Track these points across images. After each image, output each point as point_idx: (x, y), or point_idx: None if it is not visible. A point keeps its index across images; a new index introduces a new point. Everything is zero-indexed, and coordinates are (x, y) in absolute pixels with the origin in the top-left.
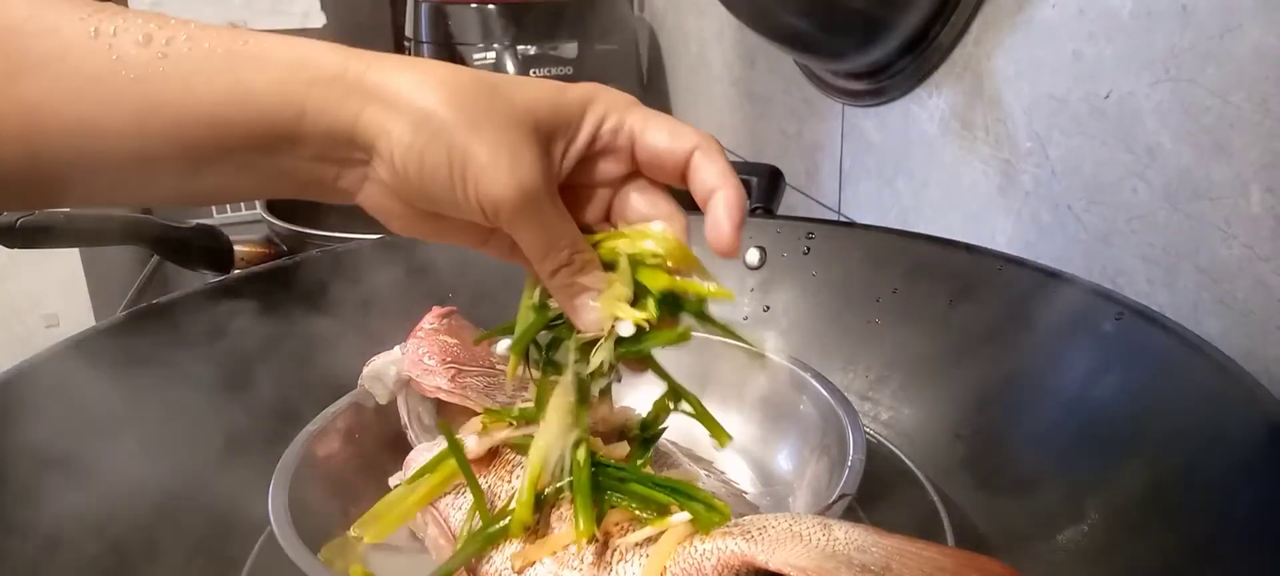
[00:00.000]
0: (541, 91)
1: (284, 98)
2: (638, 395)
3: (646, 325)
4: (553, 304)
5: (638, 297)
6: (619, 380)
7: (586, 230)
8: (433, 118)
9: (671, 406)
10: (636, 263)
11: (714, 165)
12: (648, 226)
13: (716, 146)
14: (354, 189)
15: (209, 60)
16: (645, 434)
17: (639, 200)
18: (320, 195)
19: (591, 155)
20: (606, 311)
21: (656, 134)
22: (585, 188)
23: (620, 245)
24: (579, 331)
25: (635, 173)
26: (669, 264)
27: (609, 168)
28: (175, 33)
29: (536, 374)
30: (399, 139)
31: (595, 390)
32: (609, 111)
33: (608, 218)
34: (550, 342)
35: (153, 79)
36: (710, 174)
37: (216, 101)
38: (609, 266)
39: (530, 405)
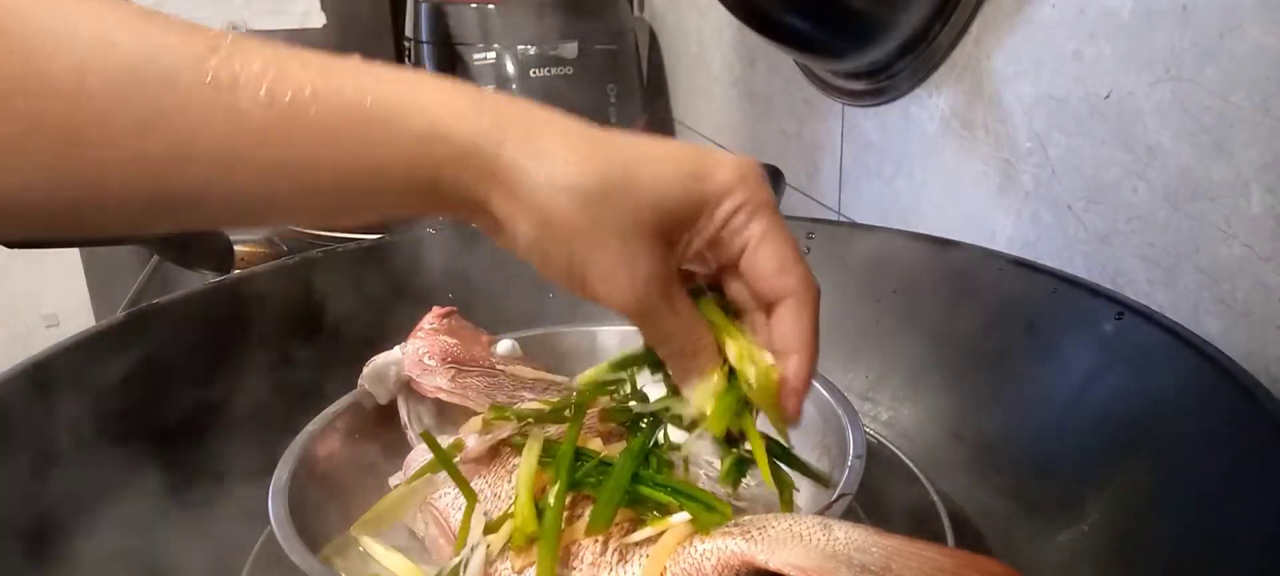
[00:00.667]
0: (676, 181)
1: (413, 175)
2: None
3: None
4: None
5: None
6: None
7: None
8: (554, 224)
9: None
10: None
11: (799, 323)
12: (759, 352)
13: (812, 300)
14: (492, 236)
15: (334, 125)
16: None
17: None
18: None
19: (716, 252)
20: (700, 403)
21: (765, 259)
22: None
23: (728, 348)
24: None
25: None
26: (755, 400)
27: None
28: (298, 86)
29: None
30: (523, 234)
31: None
32: (741, 210)
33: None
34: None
35: (277, 143)
36: (791, 332)
37: (344, 171)
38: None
39: (533, 405)
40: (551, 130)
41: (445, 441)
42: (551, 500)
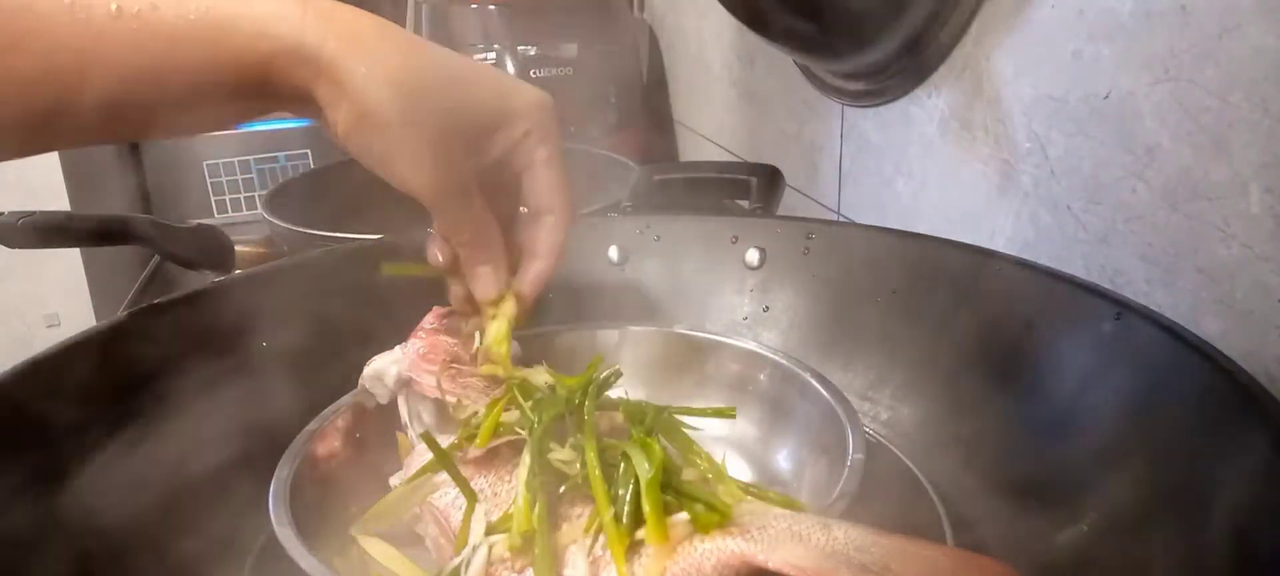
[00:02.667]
0: (485, 96)
1: (248, 65)
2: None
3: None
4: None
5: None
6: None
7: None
8: (370, 113)
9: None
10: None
11: (553, 235)
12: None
13: (568, 220)
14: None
15: (178, 29)
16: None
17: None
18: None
19: (503, 167)
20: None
21: (543, 178)
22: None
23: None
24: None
25: None
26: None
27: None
28: (143, 1)
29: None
30: (343, 120)
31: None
32: (531, 133)
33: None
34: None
35: (129, 50)
36: (547, 239)
37: (190, 70)
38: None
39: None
40: (375, 32)
41: (445, 441)
42: (536, 507)
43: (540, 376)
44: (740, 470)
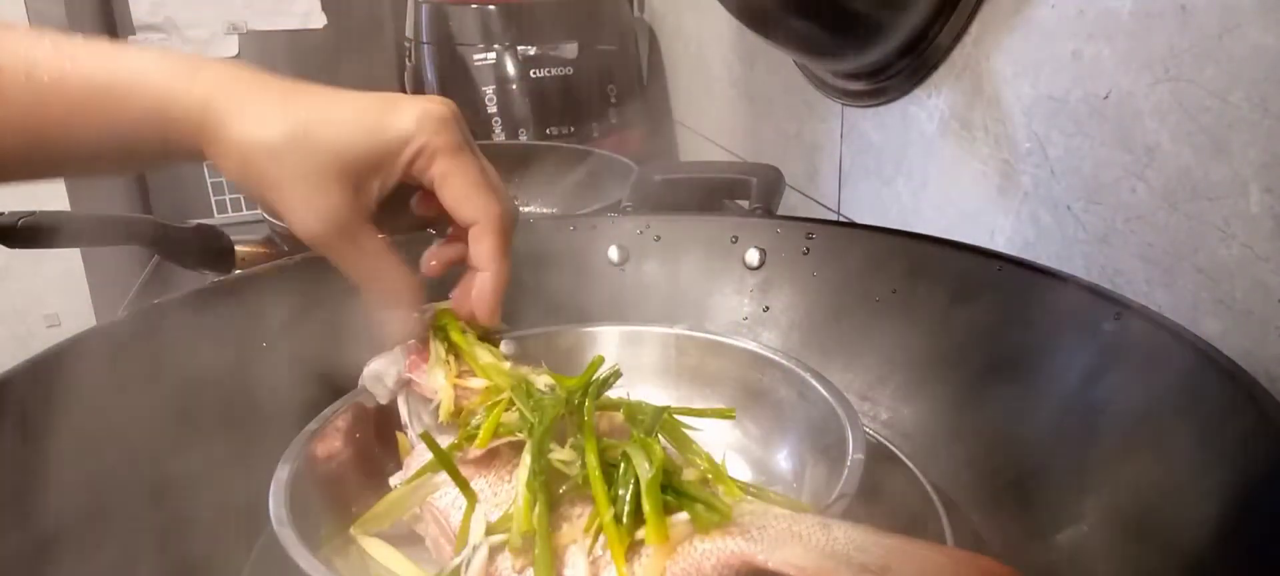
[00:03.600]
0: (356, 134)
1: (147, 135)
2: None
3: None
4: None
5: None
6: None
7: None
8: (249, 170)
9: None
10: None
11: (482, 245)
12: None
13: (494, 224)
14: None
15: (81, 100)
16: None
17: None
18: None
19: (409, 186)
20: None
21: (449, 195)
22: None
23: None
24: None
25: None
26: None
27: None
28: (53, 70)
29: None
30: (230, 175)
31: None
32: (419, 155)
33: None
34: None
35: (37, 114)
36: (481, 251)
37: (92, 134)
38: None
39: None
40: (253, 94)
41: (445, 441)
42: (536, 507)
43: (541, 378)
44: (740, 470)
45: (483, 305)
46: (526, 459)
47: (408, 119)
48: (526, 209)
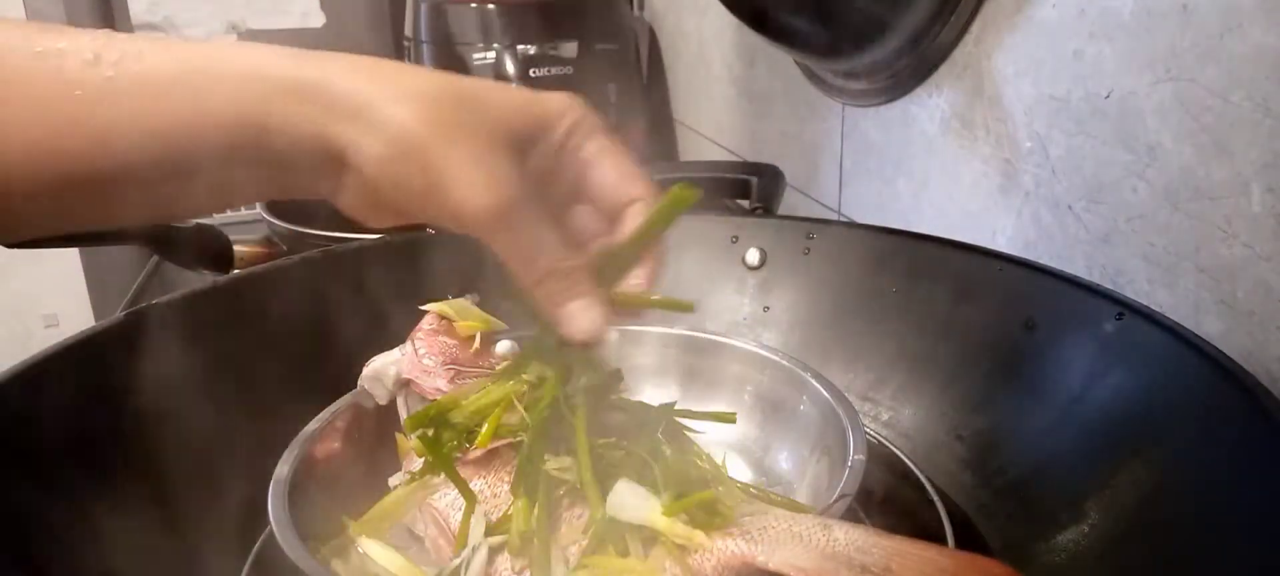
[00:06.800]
0: (516, 99)
1: (243, 111)
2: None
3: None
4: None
5: None
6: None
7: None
8: (405, 133)
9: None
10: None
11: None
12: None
13: (654, 200)
14: (330, 193)
15: (161, 77)
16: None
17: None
18: (299, 195)
19: (555, 178)
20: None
21: (607, 171)
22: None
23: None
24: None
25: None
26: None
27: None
28: (124, 49)
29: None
30: (370, 153)
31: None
32: (577, 129)
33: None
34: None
35: (106, 99)
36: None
37: (177, 120)
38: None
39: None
40: (376, 62)
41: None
42: (535, 508)
43: (538, 371)
44: (741, 470)
45: (648, 280)
46: (516, 465)
47: (558, 97)
48: None
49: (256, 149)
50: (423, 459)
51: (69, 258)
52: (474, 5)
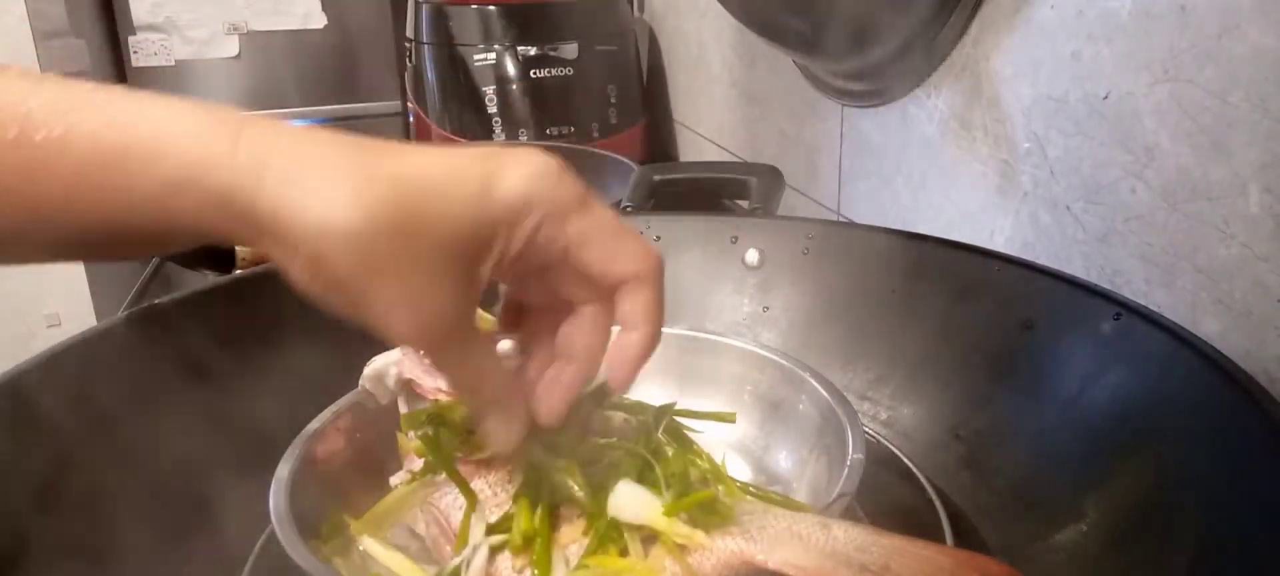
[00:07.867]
0: (464, 208)
1: (171, 220)
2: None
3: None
4: None
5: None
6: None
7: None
8: (327, 269)
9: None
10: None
11: (638, 302)
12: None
13: (651, 277)
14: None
15: (85, 167)
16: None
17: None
18: None
19: (526, 264)
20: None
21: (590, 253)
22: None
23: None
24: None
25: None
26: None
27: (547, 276)
28: (50, 127)
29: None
30: (298, 279)
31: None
32: (545, 221)
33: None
34: None
35: (28, 184)
36: (634, 310)
37: (99, 212)
38: None
39: None
40: (317, 163)
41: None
42: (537, 508)
43: None
44: (740, 470)
45: (627, 370)
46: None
47: (517, 180)
48: None
49: (192, 239)
50: (424, 458)
51: None
52: (474, 6)
